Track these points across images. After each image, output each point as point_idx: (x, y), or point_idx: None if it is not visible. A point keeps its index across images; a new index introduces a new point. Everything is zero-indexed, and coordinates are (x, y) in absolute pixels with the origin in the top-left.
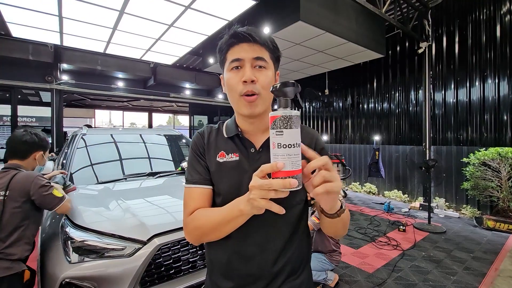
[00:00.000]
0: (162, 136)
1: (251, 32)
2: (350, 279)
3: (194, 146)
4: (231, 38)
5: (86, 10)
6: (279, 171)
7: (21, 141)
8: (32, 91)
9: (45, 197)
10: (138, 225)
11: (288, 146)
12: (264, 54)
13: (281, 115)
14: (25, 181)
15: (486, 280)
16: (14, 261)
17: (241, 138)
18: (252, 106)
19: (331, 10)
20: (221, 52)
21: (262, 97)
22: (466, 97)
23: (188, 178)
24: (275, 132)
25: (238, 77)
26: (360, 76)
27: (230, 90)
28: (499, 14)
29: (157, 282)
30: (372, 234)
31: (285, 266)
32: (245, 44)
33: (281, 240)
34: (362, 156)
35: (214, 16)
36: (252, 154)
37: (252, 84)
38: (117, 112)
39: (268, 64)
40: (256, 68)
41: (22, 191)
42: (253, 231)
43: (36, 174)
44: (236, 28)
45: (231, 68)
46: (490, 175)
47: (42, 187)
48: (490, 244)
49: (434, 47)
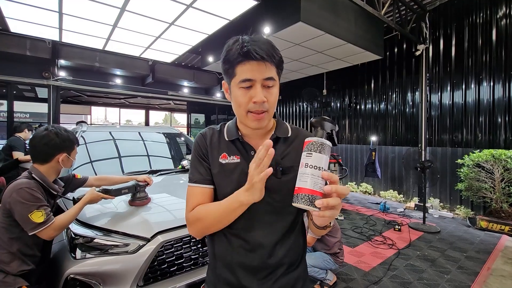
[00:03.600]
0: (161, 134)
1: (262, 50)
2: (347, 277)
3: (196, 147)
4: (243, 56)
5: (87, 7)
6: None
7: (41, 144)
8: (28, 86)
9: (19, 216)
10: (142, 222)
11: (314, 167)
12: (273, 73)
13: (315, 140)
14: (8, 190)
15: (478, 279)
16: (8, 276)
17: (242, 142)
18: (260, 122)
19: (331, 12)
20: (228, 64)
21: (269, 113)
22: (462, 99)
23: (190, 177)
24: (305, 153)
25: (248, 96)
26: (358, 77)
27: (238, 106)
28: (495, 18)
29: (160, 279)
30: (368, 233)
31: (284, 258)
32: (255, 62)
33: (279, 234)
34: (358, 156)
35: (215, 16)
36: (252, 157)
37: (262, 104)
38: (113, 109)
39: (275, 82)
40: (265, 88)
41: (3, 202)
42: (255, 226)
43: (23, 186)
44: (245, 42)
45: (240, 86)
46: (484, 177)
47: (20, 204)
48: (483, 244)
49: (431, 49)
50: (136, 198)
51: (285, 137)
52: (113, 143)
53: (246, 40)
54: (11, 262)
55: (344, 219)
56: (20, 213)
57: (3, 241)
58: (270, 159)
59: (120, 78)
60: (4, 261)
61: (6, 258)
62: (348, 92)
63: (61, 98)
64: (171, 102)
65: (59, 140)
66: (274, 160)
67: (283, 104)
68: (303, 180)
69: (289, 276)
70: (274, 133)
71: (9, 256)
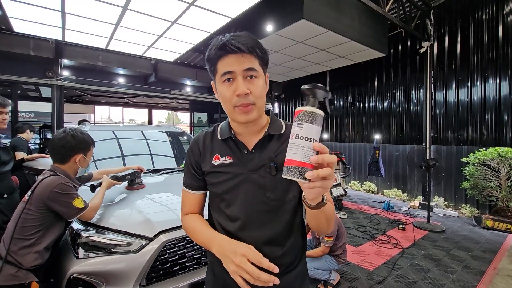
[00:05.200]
0: (164, 133)
1: (238, 43)
2: (351, 276)
3: (189, 153)
4: (220, 50)
5: (89, 6)
6: (293, 160)
7: (58, 146)
8: (32, 86)
9: (63, 206)
10: (145, 221)
11: (305, 138)
12: (254, 64)
13: (306, 110)
14: (45, 187)
15: (484, 278)
16: (21, 270)
17: (234, 140)
18: (247, 114)
19: (334, 9)
20: (210, 62)
21: (257, 106)
22: (467, 97)
23: (183, 180)
24: (296, 124)
25: (231, 90)
26: (362, 74)
27: (224, 101)
28: (501, 14)
29: (162, 278)
30: (372, 232)
31: (282, 258)
32: (234, 55)
33: (278, 234)
34: (362, 154)
35: (218, 14)
36: (245, 155)
37: (246, 96)
38: (116, 108)
39: (258, 73)
40: (247, 79)
41: (39, 197)
42: (251, 226)
43: (60, 181)
44: (224, 38)
45: (223, 81)
46: (490, 175)
47: (63, 195)
48: (489, 243)
49: (436, 46)
50: (134, 183)
51: (278, 134)
52: (115, 142)
53: (225, 36)
54: (27, 255)
55: (347, 218)
56: (64, 203)
57: (28, 232)
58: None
59: (123, 77)
60: (21, 254)
61: (25, 251)
62: (351, 90)
63: (65, 97)
64: (174, 101)
65: (75, 142)
66: (268, 157)
67: (286, 103)
68: (293, 152)
69: (288, 276)
70: (267, 130)
71: (28, 248)
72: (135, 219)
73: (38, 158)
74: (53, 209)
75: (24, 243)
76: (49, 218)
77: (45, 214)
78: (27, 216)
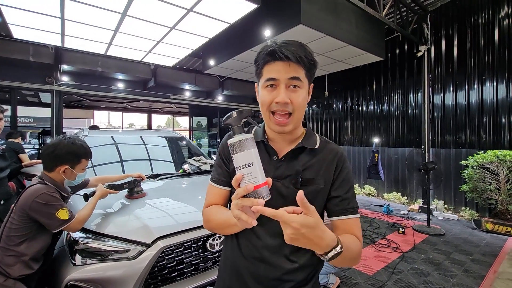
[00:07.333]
0: (163, 137)
1: (288, 51)
2: (350, 281)
3: (221, 148)
4: (268, 55)
5: (88, 12)
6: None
7: (45, 153)
8: (32, 92)
9: (46, 218)
10: (142, 227)
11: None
12: (300, 73)
13: (233, 142)
14: (28, 196)
15: (485, 282)
16: (9, 279)
17: (266, 145)
18: (282, 127)
19: (331, 14)
20: (257, 65)
21: (294, 117)
22: (465, 100)
23: (211, 175)
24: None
25: (272, 96)
26: (360, 78)
27: (262, 105)
28: (497, 18)
29: (160, 285)
30: (371, 236)
31: (294, 273)
32: (281, 63)
33: (292, 248)
34: (361, 158)
35: (216, 19)
36: (274, 161)
37: (285, 104)
38: (116, 113)
39: (302, 83)
40: (290, 88)
41: (22, 207)
42: (267, 236)
43: (44, 191)
44: (274, 43)
45: (266, 86)
46: (489, 178)
47: (45, 206)
48: (489, 247)
49: (433, 50)
50: (134, 192)
51: (311, 148)
52: (114, 147)
53: (276, 42)
54: (15, 265)
55: None
56: (47, 214)
57: (13, 242)
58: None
59: (122, 82)
60: (8, 263)
61: (11, 260)
62: (350, 94)
63: (64, 102)
64: (173, 105)
65: (63, 152)
66: (296, 169)
67: None
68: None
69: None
70: (301, 142)
71: (14, 258)
72: (133, 225)
73: (36, 164)
74: (35, 219)
75: (10, 252)
76: (33, 229)
77: (28, 224)
78: (11, 225)
